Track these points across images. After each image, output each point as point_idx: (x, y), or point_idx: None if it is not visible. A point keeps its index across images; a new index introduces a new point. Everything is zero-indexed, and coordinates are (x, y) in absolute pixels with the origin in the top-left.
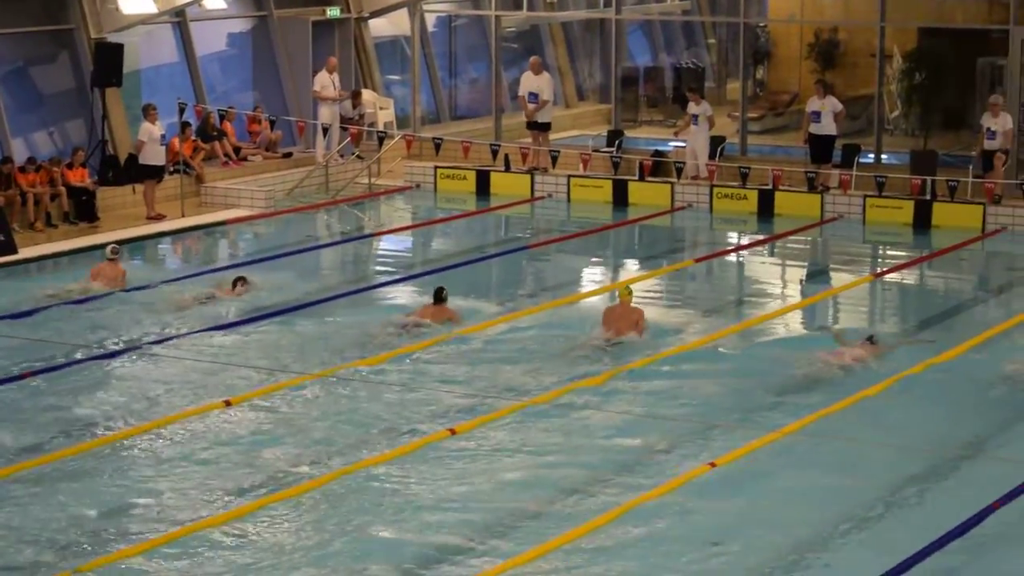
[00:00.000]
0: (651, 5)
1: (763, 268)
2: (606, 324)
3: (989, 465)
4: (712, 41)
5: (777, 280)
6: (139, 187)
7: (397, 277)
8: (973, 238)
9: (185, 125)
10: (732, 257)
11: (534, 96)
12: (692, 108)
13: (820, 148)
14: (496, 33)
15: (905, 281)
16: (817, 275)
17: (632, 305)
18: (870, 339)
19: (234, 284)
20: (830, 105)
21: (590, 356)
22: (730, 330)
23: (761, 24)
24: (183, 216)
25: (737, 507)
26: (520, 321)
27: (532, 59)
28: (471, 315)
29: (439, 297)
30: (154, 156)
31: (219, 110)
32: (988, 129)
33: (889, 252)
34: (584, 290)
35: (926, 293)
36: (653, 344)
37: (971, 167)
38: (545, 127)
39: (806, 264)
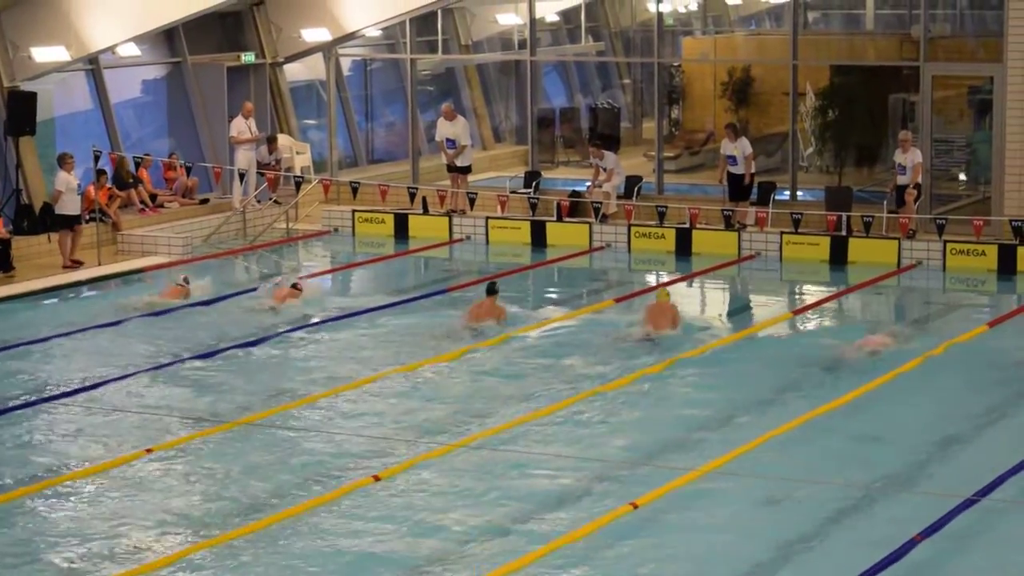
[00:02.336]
0: (566, 46)
1: (683, 306)
2: (649, 320)
3: (910, 499)
4: (627, 81)
5: (696, 318)
6: (55, 236)
7: (316, 321)
8: (888, 273)
9: (100, 173)
10: (652, 296)
11: (451, 142)
12: (597, 162)
13: (737, 187)
14: (412, 76)
15: (823, 317)
16: (737, 312)
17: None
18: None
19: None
20: (742, 147)
21: (500, 400)
22: (651, 369)
23: (675, 64)
24: (100, 264)
25: (657, 547)
26: (433, 366)
27: (444, 106)
28: (390, 360)
29: (492, 290)
30: (71, 206)
31: (134, 157)
32: (899, 164)
33: (806, 288)
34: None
35: (843, 329)
36: (576, 386)
37: (885, 202)
38: (465, 170)
39: (725, 302)
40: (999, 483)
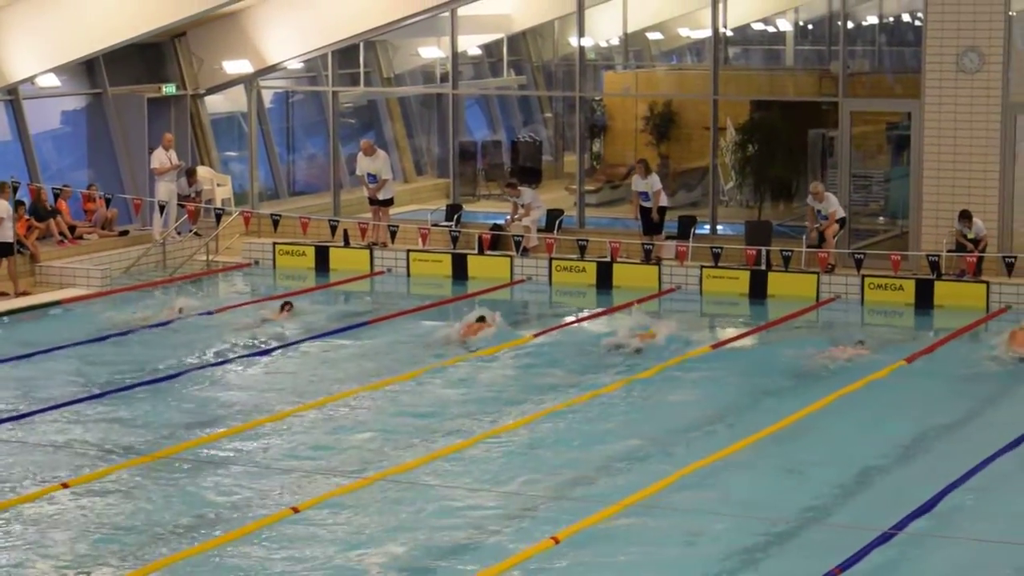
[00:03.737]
0: (488, 80)
1: (601, 340)
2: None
3: (826, 532)
4: (549, 115)
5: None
6: None
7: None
8: (807, 307)
9: (19, 204)
10: (572, 329)
11: (373, 176)
12: (514, 199)
13: (648, 222)
14: (334, 109)
15: (742, 351)
16: (655, 347)
17: None
18: (861, 342)
19: (282, 308)
20: (652, 183)
21: (420, 432)
22: (576, 400)
23: (596, 98)
24: (17, 296)
25: None
26: (350, 400)
27: (363, 142)
28: (309, 394)
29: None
30: (6, 234)
31: (53, 188)
32: (819, 212)
33: (726, 322)
34: (420, 367)
35: (762, 363)
36: (496, 419)
37: (804, 237)
38: (387, 203)
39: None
40: (917, 515)
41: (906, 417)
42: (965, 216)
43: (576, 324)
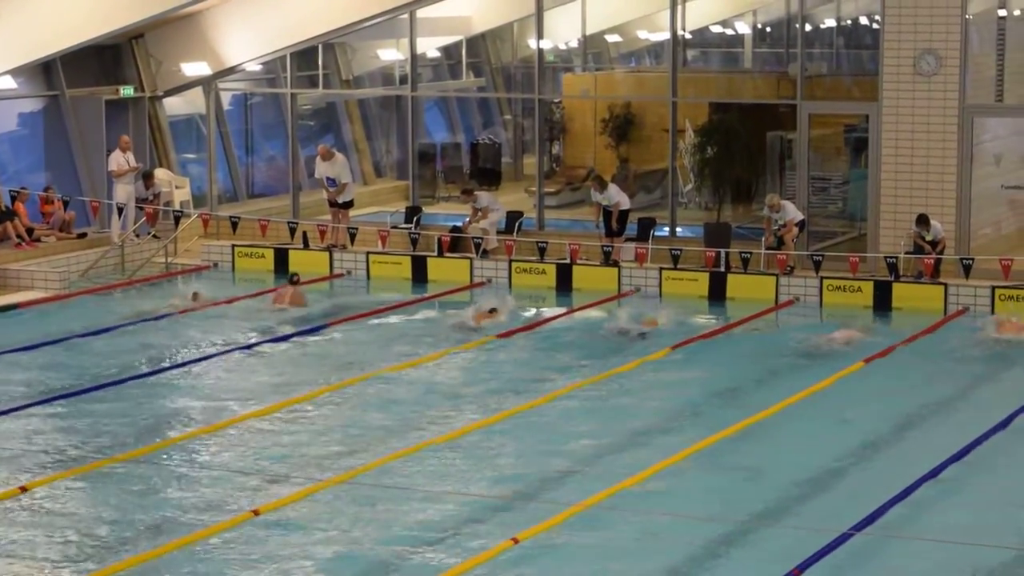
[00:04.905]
0: (447, 82)
1: (564, 343)
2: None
3: (783, 533)
4: (508, 117)
5: (577, 353)
6: None
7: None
8: (766, 309)
9: None
10: (537, 332)
11: (332, 181)
12: (472, 204)
13: (608, 227)
14: (292, 111)
15: (701, 352)
16: (615, 350)
17: None
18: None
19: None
20: (608, 197)
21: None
22: (533, 403)
23: (556, 100)
24: None
25: None
26: (313, 401)
27: (320, 147)
28: (269, 394)
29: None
30: None
31: (10, 191)
32: (776, 222)
33: (686, 323)
34: (379, 367)
35: (720, 364)
36: (453, 421)
37: (763, 239)
38: (346, 205)
39: (602, 338)
40: (876, 517)
41: (866, 419)
42: (923, 221)
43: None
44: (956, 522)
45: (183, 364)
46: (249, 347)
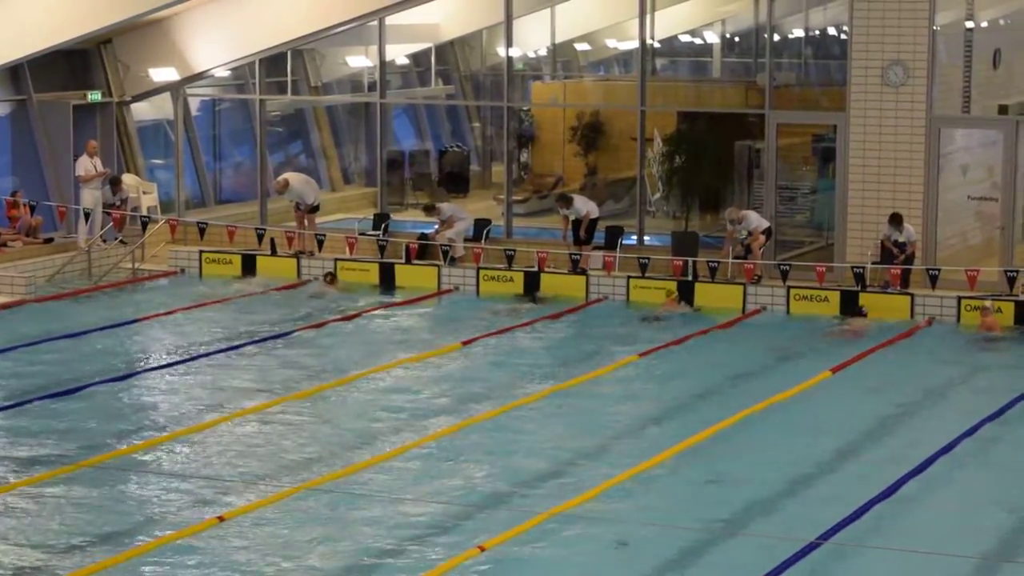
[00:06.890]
0: (416, 89)
1: (531, 351)
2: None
3: (747, 542)
4: (477, 125)
5: (545, 361)
6: None
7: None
8: (734, 319)
9: None
10: (501, 338)
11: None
12: (437, 216)
13: (576, 236)
14: (261, 117)
15: (668, 360)
16: (584, 357)
17: None
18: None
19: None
20: (576, 212)
21: (347, 441)
22: (494, 412)
23: (524, 108)
24: None
25: None
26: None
27: (275, 184)
28: (237, 399)
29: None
30: None
31: None
32: (739, 231)
33: (653, 332)
34: (349, 374)
35: (688, 371)
36: (420, 428)
37: (724, 249)
38: (313, 210)
39: (572, 345)
40: (844, 525)
41: (833, 427)
42: (896, 220)
43: (507, 332)
44: (928, 531)
45: (146, 370)
46: (218, 352)
